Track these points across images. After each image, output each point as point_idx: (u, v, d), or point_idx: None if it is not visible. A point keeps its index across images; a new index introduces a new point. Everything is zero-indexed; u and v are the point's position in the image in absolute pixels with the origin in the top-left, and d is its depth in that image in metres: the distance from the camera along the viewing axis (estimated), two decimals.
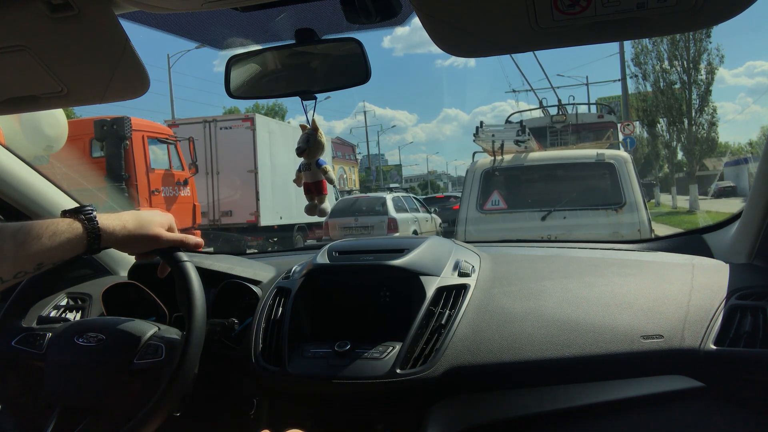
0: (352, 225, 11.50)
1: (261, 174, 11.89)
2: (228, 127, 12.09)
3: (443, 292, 1.22)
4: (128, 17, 0.87)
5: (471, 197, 5.01)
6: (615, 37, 0.78)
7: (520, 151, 5.33)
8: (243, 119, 12.19)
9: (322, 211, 1.35)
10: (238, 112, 18.84)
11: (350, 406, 1.19)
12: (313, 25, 1.01)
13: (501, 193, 4.99)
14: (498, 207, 4.92)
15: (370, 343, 1.17)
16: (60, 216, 0.97)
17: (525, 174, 5.16)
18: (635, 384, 1.08)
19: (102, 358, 1.11)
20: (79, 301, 1.47)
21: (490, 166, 5.05)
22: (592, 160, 4.79)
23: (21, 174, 1.43)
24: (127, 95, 0.96)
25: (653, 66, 20.41)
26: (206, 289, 1.11)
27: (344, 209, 12.06)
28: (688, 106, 19.92)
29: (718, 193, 27.34)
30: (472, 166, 5.31)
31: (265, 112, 32.12)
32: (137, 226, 1.03)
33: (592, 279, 1.27)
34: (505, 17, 0.72)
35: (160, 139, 9.56)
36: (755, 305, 1.11)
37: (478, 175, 5.05)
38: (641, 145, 27.76)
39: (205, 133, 11.96)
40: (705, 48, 19.51)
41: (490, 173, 5.03)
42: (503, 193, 5.00)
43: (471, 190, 5.03)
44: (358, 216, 11.68)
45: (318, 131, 1.27)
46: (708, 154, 21.83)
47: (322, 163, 1.29)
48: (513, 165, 5.09)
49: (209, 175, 11.96)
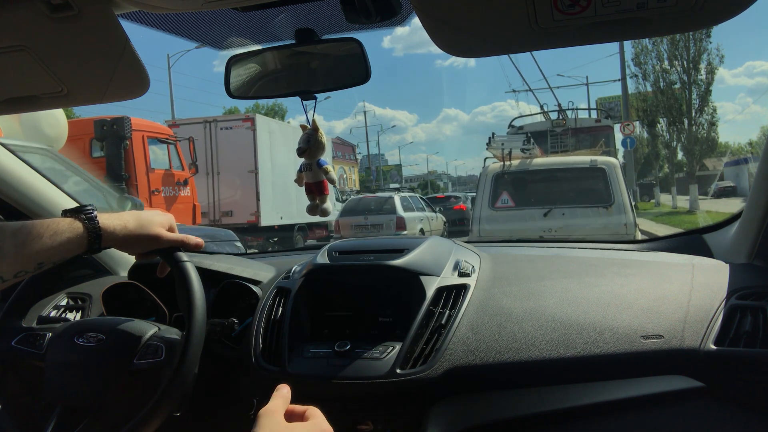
0: (362, 223, 11.85)
1: (261, 174, 11.96)
2: (229, 127, 12.20)
3: (443, 292, 1.22)
4: (128, 17, 0.87)
5: (484, 197, 5.85)
6: (615, 37, 0.78)
7: (526, 158, 6.22)
8: (243, 119, 12.27)
9: (324, 211, 1.35)
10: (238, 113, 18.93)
11: (350, 406, 1.19)
12: (313, 25, 1.01)
13: (509, 193, 5.83)
14: (507, 205, 5.77)
15: (370, 343, 1.17)
16: (61, 215, 0.97)
17: (530, 177, 5.96)
18: (635, 384, 1.08)
19: (102, 358, 1.11)
20: (79, 301, 1.47)
21: (500, 170, 5.89)
22: (586, 165, 5.66)
23: (21, 174, 1.43)
24: (127, 95, 0.96)
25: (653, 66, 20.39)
26: (206, 289, 1.11)
27: (354, 208, 12.43)
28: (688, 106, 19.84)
29: (718, 193, 27.33)
30: (484, 170, 6.16)
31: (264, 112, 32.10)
32: (138, 226, 1.03)
33: (592, 279, 1.27)
34: (505, 17, 0.72)
35: (160, 139, 9.57)
36: (755, 305, 1.11)
37: (490, 178, 5.88)
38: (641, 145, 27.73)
39: (205, 134, 12.03)
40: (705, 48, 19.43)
41: (500, 176, 5.87)
42: (511, 193, 5.83)
43: (484, 191, 5.88)
44: (368, 215, 12.02)
45: (318, 131, 1.27)
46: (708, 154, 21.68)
47: (323, 163, 1.29)
48: (519, 169, 5.92)
49: (210, 176, 12.01)
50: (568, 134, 10.58)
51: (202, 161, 11.34)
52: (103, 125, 8.03)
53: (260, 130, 12.07)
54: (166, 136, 9.76)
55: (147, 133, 9.20)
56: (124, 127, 7.99)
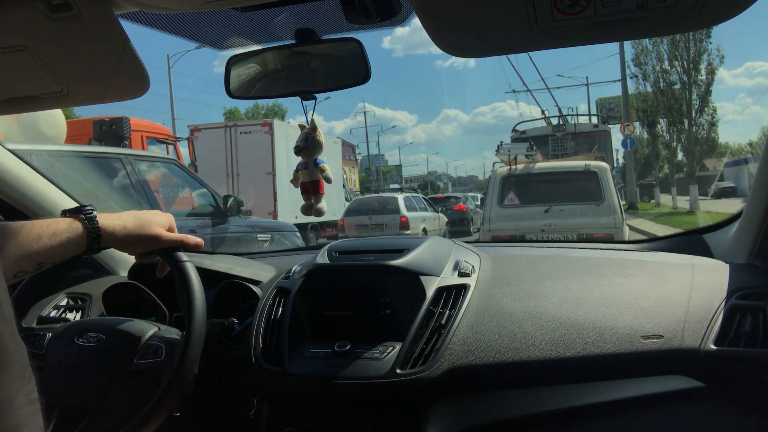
0: (366, 223, 12.15)
1: (278, 176, 12.39)
2: (248, 131, 12.90)
3: (443, 292, 1.22)
4: (128, 17, 0.87)
5: (493, 196, 6.91)
6: (615, 37, 0.78)
7: (529, 162, 7.28)
8: (262, 124, 12.90)
9: (318, 211, 1.34)
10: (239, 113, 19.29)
11: (350, 406, 1.19)
12: (313, 25, 1.01)
13: (515, 193, 6.85)
14: (513, 203, 6.82)
15: (370, 343, 1.17)
16: (60, 216, 0.97)
17: (532, 179, 6.94)
18: (635, 384, 1.08)
19: (102, 358, 1.10)
20: (79, 301, 1.47)
21: (507, 173, 6.90)
22: (581, 168, 6.67)
23: (21, 174, 1.43)
24: (127, 95, 0.96)
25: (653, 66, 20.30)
26: (206, 289, 1.11)
27: (358, 208, 12.79)
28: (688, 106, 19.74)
29: (718, 193, 27.27)
30: (493, 174, 7.31)
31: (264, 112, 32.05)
32: (137, 226, 1.03)
33: (592, 279, 1.27)
34: (505, 17, 0.72)
35: (159, 139, 9.58)
36: (755, 305, 1.11)
37: (498, 180, 6.95)
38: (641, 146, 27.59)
39: (226, 138, 12.66)
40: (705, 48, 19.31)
41: (506, 178, 6.89)
42: (516, 193, 6.86)
43: (493, 191, 6.95)
44: (372, 215, 12.30)
45: (316, 130, 1.27)
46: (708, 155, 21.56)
47: (319, 162, 1.29)
48: (524, 172, 6.94)
49: (230, 177, 12.56)
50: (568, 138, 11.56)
51: (223, 163, 12.20)
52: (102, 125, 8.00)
53: (277, 134, 12.62)
54: (165, 136, 9.78)
55: (146, 133, 9.21)
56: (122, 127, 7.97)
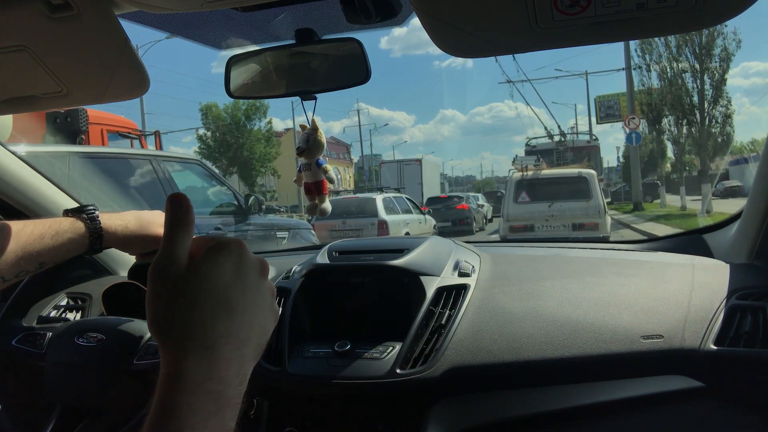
0: (340, 228, 10.77)
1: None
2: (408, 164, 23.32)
3: (443, 292, 1.22)
4: (128, 17, 0.87)
5: (509, 195, 9.83)
6: (615, 37, 0.77)
7: (536, 169, 10.27)
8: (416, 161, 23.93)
9: (323, 211, 1.35)
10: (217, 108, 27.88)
11: (350, 406, 1.19)
12: (313, 25, 1.01)
13: (526, 192, 9.66)
14: (525, 200, 9.61)
15: (370, 343, 1.17)
16: (62, 215, 0.97)
17: (539, 182, 9.79)
18: (635, 384, 1.08)
19: (102, 358, 1.11)
20: (79, 301, 1.47)
21: (520, 177, 9.88)
22: (576, 175, 9.62)
23: (21, 174, 1.44)
24: (127, 95, 0.96)
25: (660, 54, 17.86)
26: None
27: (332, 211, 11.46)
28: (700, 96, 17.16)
29: (724, 192, 26.53)
30: (509, 177, 10.55)
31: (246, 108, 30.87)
32: (139, 226, 1.03)
33: (592, 279, 1.27)
34: (505, 17, 0.71)
35: (122, 133, 8.52)
36: (755, 305, 1.11)
37: (514, 183, 9.89)
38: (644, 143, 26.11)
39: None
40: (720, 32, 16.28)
41: (520, 182, 9.81)
42: (527, 192, 9.66)
43: (509, 191, 9.93)
44: (346, 218, 10.93)
45: (318, 131, 1.27)
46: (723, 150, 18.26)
47: (321, 163, 1.29)
48: (533, 177, 9.91)
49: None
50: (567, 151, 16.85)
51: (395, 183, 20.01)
52: (56, 118, 6.86)
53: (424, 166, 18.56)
54: (128, 130, 8.74)
55: (106, 127, 8.22)
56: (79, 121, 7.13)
